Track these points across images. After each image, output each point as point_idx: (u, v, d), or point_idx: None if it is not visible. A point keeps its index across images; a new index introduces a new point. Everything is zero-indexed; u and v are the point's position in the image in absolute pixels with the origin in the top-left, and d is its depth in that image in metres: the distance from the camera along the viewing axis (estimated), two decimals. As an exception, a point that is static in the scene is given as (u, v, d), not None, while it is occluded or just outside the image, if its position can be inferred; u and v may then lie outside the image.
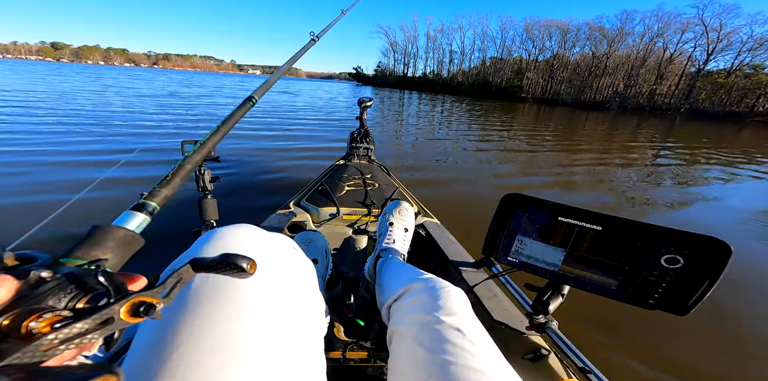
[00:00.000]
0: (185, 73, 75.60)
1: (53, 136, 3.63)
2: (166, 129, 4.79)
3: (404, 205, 0.85)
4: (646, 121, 15.65)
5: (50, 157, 2.90)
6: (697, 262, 0.43)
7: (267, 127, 5.37)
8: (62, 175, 2.51)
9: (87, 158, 2.94)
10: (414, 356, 0.36)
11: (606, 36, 34.73)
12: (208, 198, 0.74)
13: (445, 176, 3.19)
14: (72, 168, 2.70)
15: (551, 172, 3.70)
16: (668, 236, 0.44)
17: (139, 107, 6.74)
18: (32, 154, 2.94)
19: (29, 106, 5.69)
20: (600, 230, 0.48)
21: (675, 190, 3.26)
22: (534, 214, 0.54)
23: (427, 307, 0.42)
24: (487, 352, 0.36)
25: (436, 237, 1.01)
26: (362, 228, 1.06)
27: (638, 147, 6.16)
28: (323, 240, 0.82)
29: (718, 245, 0.41)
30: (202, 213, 0.74)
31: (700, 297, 0.42)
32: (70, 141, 3.50)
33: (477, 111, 13.16)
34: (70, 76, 18.23)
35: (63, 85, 10.93)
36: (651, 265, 0.45)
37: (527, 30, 42.01)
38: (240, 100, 0.58)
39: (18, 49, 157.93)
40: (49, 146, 3.23)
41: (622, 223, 0.47)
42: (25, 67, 29.18)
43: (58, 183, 2.29)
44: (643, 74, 31.67)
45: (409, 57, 58.50)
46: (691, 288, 0.43)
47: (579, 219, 0.50)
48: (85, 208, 1.77)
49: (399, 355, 0.39)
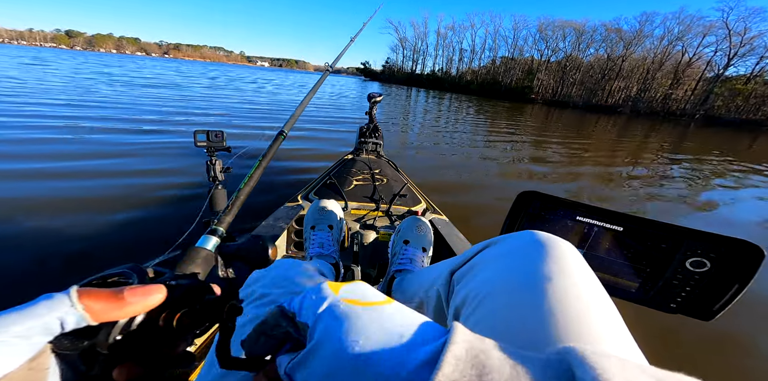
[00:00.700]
0: (201, 63, 76.10)
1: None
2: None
3: (422, 221, 0.80)
4: (659, 126, 15.24)
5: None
6: (726, 266, 0.41)
7: (276, 119, 5.36)
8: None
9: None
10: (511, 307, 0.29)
11: (623, 38, 33.83)
12: (219, 188, 0.73)
13: (453, 177, 3.14)
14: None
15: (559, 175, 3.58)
16: (695, 238, 0.42)
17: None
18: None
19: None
20: (621, 231, 0.46)
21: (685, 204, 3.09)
22: (550, 213, 0.52)
23: (529, 255, 0.32)
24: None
25: (445, 234, 0.98)
26: (370, 223, 1.06)
27: (649, 155, 5.94)
28: (337, 206, 0.87)
29: (749, 248, 0.39)
30: (212, 203, 0.73)
31: (728, 302, 0.41)
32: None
33: (485, 112, 12.90)
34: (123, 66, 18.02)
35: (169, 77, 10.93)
36: (675, 269, 0.44)
37: (540, 30, 41.16)
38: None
39: (33, 36, 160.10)
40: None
41: (646, 223, 0.45)
42: (67, 55, 29.58)
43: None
44: (659, 78, 30.85)
45: (419, 54, 57.94)
46: (717, 293, 0.41)
47: (598, 219, 0.48)
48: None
49: (483, 316, 0.30)
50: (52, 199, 1.84)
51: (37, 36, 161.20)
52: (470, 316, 0.31)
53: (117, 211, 1.76)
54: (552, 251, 0.31)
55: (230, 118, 5.26)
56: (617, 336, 0.25)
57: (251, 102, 7.76)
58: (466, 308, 0.32)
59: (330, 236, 0.81)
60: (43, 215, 1.65)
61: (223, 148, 0.71)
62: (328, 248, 0.78)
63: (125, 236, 1.53)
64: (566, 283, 0.28)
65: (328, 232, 0.81)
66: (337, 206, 0.88)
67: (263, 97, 9.41)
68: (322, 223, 0.83)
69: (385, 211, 1.09)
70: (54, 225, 1.57)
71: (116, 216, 1.70)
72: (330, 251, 0.77)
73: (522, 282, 0.29)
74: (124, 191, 2.04)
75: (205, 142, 0.71)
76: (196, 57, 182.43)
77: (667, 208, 2.87)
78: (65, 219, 1.64)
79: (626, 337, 0.26)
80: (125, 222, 1.66)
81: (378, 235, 1.05)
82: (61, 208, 1.75)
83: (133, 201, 1.91)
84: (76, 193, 1.94)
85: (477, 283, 0.33)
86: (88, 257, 1.34)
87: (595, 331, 0.25)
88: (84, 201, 1.86)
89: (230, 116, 5.43)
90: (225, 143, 0.70)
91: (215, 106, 6.40)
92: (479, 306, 0.31)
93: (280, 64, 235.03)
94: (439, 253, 0.96)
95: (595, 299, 0.28)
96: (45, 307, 0.15)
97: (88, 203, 1.84)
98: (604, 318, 0.26)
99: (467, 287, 0.34)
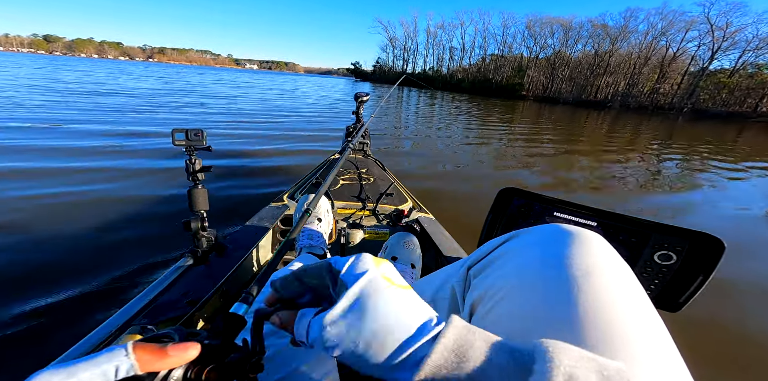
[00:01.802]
0: (195, 68, 74.22)
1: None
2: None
3: (409, 237, 0.81)
4: (648, 120, 15.36)
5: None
6: (690, 259, 0.43)
7: (262, 121, 5.20)
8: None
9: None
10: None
11: (609, 34, 34.25)
12: (198, 188, 0.73)
13: (441, 173, 3.13)
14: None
15: (548, 172, 3.55)
16: (661, 232, 0.44)
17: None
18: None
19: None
20: (594, 226, 0.48)
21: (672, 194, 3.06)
22: (529, 209, 0.53)
23: (555, 246, 0.29)
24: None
25: (431, 232, 0.99)
26: (356, 222, 1.06)
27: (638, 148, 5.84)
28: (325, 201, 0.91)
29: (711, 241, 0.41)
30: (191, 203, 0.72)
31: (693, 293, 0.42)
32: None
33: (475, 111, 12.75)
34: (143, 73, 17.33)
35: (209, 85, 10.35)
36: (644, 262, 0.45)
37: (528, 27, 41.46)
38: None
39: (10, 41, 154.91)
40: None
41: (616, 218, 0.47)
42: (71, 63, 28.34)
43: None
44: (646, 73, 31.30)
45: (409, 53, 57.83)
46: (683, 284, 0.43)
47: (574, 214, 0.50)
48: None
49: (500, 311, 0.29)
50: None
51: (14, 41, 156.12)
52: (489, 312, 0.29)
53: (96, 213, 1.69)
54: (583, 245, 0.28)
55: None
56: (657, 350, 0.22)
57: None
58: (485, 303, 0.30)
59: (319, 228, 0.84)
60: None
61: (203, 148, 0.70)
62: (317, 240, 0.80)
63: (102, 240, 1.46)
64: (599, 282, 0.25)
65: (316, 224, 0.84)
66: (326, 201, 0.91)
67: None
68: (310, 216, 0.84)
69: (372, 210, 1.08)
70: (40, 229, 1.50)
71: (94, 218, 1.63)
72: (319, 243, 0.80)
73: (548, 279, 0.26)
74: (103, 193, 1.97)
75: (184, 141, 0.69)
76: (182, 60, 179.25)
77: (657, 201, 2.83)
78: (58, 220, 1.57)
79: (669, 352, 0.22)
80: (104, 225, 1.58)
81: (365, 235, 1.05)
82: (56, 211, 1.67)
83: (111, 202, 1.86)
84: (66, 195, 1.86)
85: (497, 277, 0.31)
86: (64, 263, 1.27)
87: (629, 342, 0.22)
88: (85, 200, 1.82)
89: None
90: (205, 142, 0.69)
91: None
92: (500, 302, 0.28)
93: (269, 67, 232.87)
94: (426, 251, 0.95)
95: (631, 303, 0.24)
96: (106, 357, 0.19)
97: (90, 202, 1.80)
98: (641, 327, 0.23)
99: (486, 281, 0.31)
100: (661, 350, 0.22)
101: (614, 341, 0.22)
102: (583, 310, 0.23)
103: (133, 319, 0.55)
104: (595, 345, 0.21)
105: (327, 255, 0.80)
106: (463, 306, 0.35)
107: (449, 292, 0.38)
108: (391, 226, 1.09)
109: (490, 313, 0.28)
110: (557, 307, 0.24)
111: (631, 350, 0.21)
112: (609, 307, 0.23)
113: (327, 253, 0.80)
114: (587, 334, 0.22)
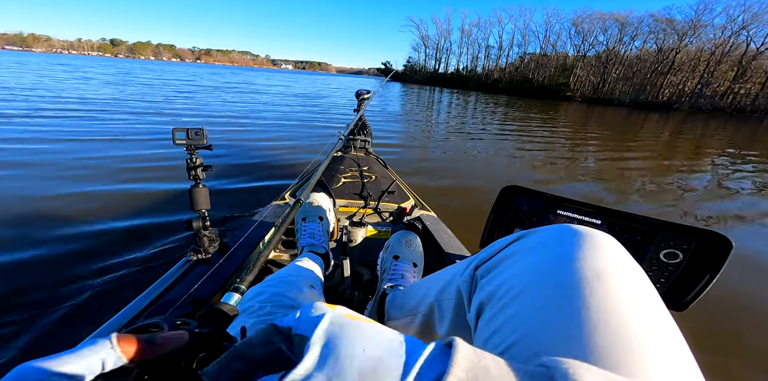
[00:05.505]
0: (244, 69, 78.01)
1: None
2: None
3: (411, 235, 0.81)
4: (724, 125, 12.81)
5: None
6: (697, 257, 0.42)
7: (268, 120, 5.08)
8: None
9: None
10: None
11: (675, 29, 30.24)
12: (199, 187, 0.73)
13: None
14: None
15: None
16: (667, 230, 0.43)
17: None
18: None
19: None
20: (599, 224, 0.47)
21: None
22: (532, 207, 0.52)
23: (565, 248, 0.28)
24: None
25: (433, 230, 0.99)
26: (358, 220, 1.08)
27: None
28: (326, 200, 0.95)
29: (718, 239, 0.40)
30: (193, 202, 0.73)
31: (699, 292, 0.41)
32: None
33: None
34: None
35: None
36: (650, 260, 0.44)
37: (575, 24, 38.04)
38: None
39: (82, 45, 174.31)
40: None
41: (621, 216, 0.46)
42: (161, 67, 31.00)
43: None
44: (723, 71, 27.12)
45: (441, 52, 56.06)
46: (690, 283, 0.42)
47: (577, 212, 0.49)
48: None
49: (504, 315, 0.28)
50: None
51: (86, 45, 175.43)
52: (498, 313, 0.28)
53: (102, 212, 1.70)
54: (595, 247, 0.27)
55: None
56: (671, 356, 0.21)
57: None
58: (493, 305, 0.29)
59: (320, 227, 0.85)
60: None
61: (204, 146, 0.70)
62: (318, 238, 0.81)
63: (104, 239, 1.45)
64: (611, 285, 0.24)
65: (318, 223, 0.85)
66: (327, 200, 0.95)
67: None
68: (312, 215, 0.87)
69: (374, 208, 1.09)
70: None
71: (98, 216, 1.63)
72: (320, 241, 0.81)
73: (559, 281, 0.26)
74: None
75: (185, 140, 0.70)
76: (226, 61, 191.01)
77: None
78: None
79: (684, 358, 0.21)
80: (107, 222, 1.57)
81: (367, 232, 1.06)
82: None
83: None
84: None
85: (506, 278, 0.30)
86: (75, 255, 1.30)
87: (642, 352, 0.21)
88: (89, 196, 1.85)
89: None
90: (206, 141, 0.70)
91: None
92: (509, 304, 0.27)
93: (303, 67, 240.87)
94: (428, 249, 0.92)
95: (645, 306, 0.23)
96: (89, 350, 0.18)
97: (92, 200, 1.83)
98: (654, 330, 0.22)
99: (495, 281, 0.30)
100: (676, 357, 0.21)
101: (626, 345, 0.21)
102: (595, 313, 0.22)
103: (135, 318, 0.55)
104: (607, 348, 0.21)
105: (329, 253, 0.81)
106: (469, 307, 0.34)
107: (455, 293, 0.37)
108: (393, 223, 1.09)
109: (499, 314, 0.27)
110: (568, 310, 0.23)
111: (643, 355, 0.20)
112: (622, 310, 0.22)
113: (329, 252, 0.81)
114: (599, 337, 0.21)
